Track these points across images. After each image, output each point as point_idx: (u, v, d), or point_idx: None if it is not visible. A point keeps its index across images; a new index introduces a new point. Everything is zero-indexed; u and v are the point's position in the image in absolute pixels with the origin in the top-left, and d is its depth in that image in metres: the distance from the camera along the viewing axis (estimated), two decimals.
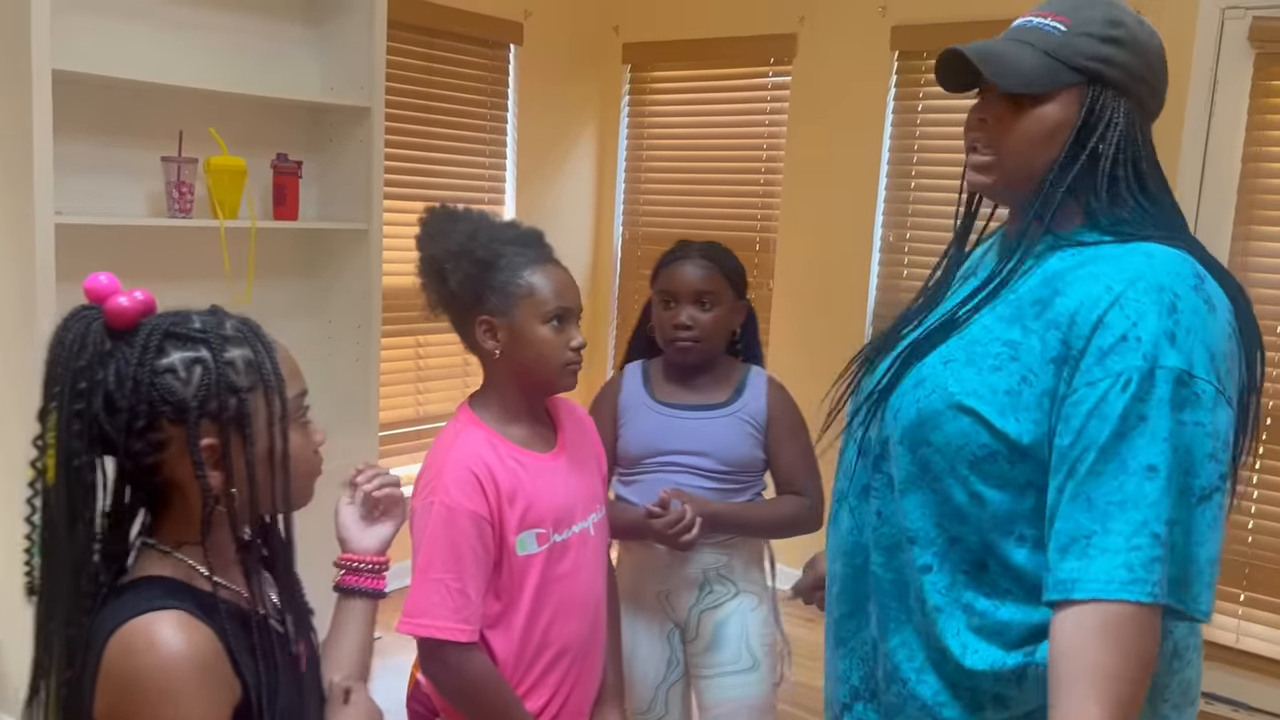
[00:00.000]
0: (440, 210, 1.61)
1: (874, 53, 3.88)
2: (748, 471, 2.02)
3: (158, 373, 1.00)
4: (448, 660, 1.50)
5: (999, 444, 1.12)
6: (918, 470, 1.18)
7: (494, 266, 1.55)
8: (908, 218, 3.91)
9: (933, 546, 1.18)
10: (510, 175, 4.29)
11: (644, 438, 2.02)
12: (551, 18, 4.31)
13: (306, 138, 3.41)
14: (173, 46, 3.04)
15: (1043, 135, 1.17)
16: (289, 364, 1.11)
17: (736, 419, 2.00)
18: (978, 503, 1.14)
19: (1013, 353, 1.13)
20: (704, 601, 2.02)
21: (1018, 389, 1.11)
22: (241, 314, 1.11)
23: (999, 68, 1.17)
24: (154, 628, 0.96)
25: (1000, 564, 1.15)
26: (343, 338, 3.47)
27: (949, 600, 1.17)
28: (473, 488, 1.51)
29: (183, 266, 3.10)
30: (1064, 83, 1.16)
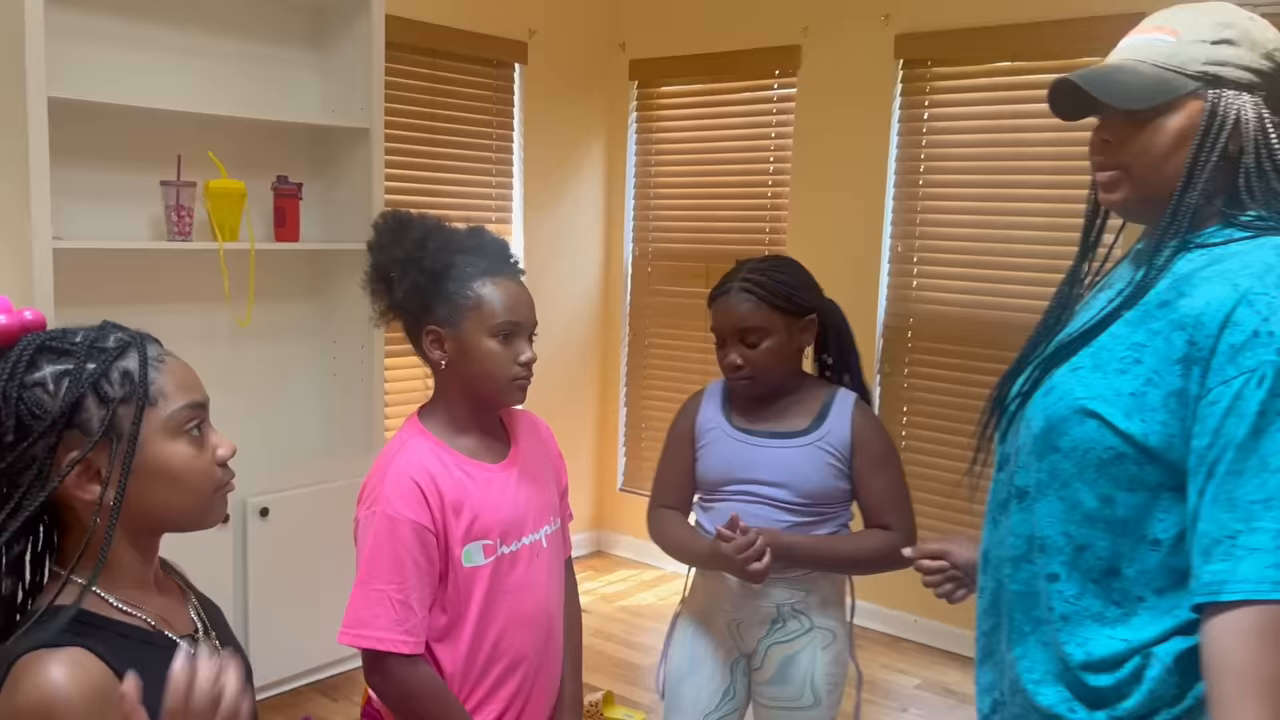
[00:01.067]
0: (392, 216, 1.60)
1: (878, 61, 3.85)
2: (829, 503, 1.93)
3: (26, 386, 1.00)
4: (391, 672, 1.49)
5: (1125, 446, 1.12)
6: (1047, 478, 1.18)
7: (444, 276, 1.54)
8: (916, 227, 3.86)
9: (1060, 555, 1.18)
10: (518, 194, 4.31)
11: (721, 465, 1.95)
12: (556, 36, 4.33)
13: (307, 160, 3.45)
14: (170, 71, 3.09)
15: (1168, 146, 1.16)
16: (181, 376, 1.09)
17: (816, 448, 1.91)
18: (1108, 506, 1.14)
19: (1137, 355, 1.13)
20: (774, 635, 1.96)
21: (1143, 390, 1.11)
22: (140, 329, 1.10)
23: (1111, 88, 1.18)
24: (40, 666, 0.95)
25: (1133, 569, 1.15)
26: (346, 359, 3.49)
27: (1077, 609, 1.17)
28: (415, 497, 1.49)
29: (183, 290, 3.14)
30: (1181, 91, 1.16)
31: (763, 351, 1.89)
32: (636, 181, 4.64)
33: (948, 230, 3.79)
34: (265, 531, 3.18)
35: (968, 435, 3.98)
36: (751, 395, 1.95)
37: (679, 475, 2.02)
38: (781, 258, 2.02)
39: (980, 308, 3.72)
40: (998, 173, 3.66)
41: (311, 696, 3.30)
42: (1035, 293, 3.58)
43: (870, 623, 3.97)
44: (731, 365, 1.91)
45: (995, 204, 3.67)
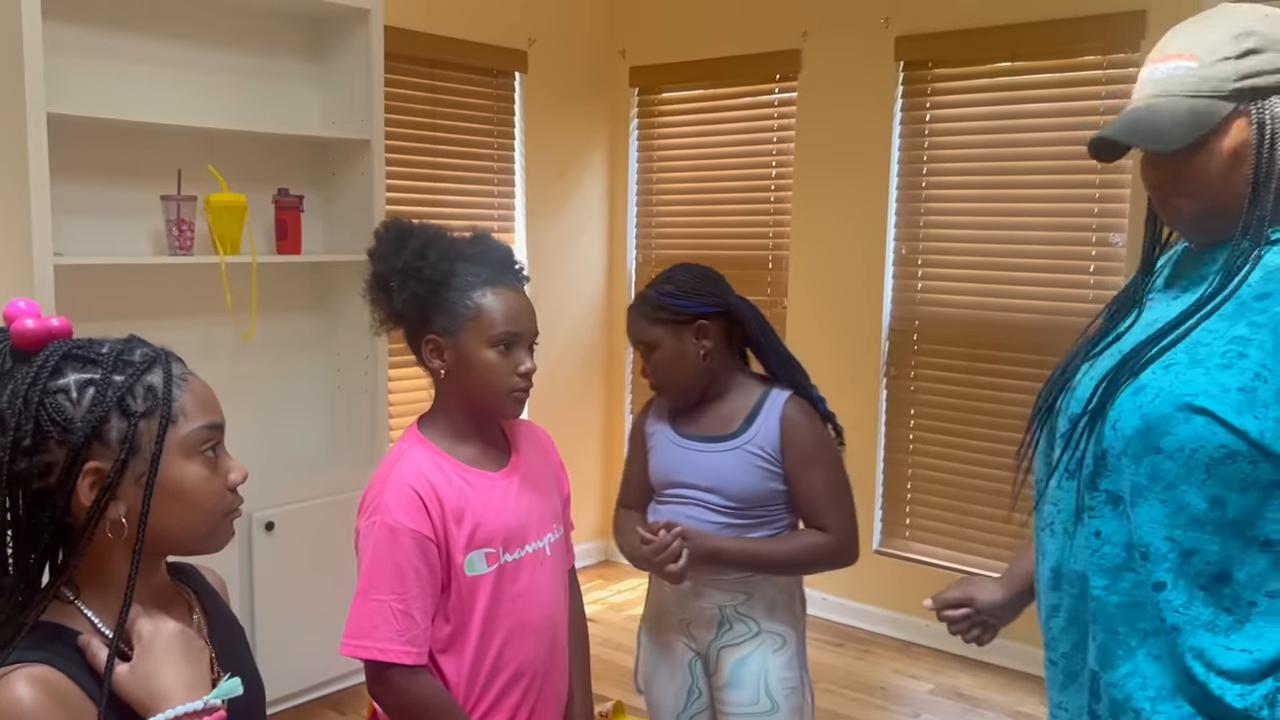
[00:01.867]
0: (393, 225, 1.59)
1: (878, 64, 3.84)
2: (764, 506, 1.92)
3: (49, 392, 0.99)
4: (393, 683, 1.47)
5: (1240, 443, 1.07)
6: (1146, 481, 1.12)
7: (443, 286, 1.53)
8: (920, 229, 3.84)
9: (1165, 561, 1.12)
10: (520, 203, 4.30)
11: (662, 468, 2.00)
12: (556, 44, 4.33)
13: (308, 172, 3.45)
14: (169, 86, 3.09)
15: (1223, 168, 1.15)
16: (201, 396, 1.08)
17: (743, 452, 1.91)
18: (1219, 508, 1.09)
19: (1241, 349, 1.09)
20: (724, 638, 1.96)
21: (1252, 385, 1.07)
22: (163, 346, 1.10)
23: (1150, 135, 1.16)
24: (6, 683, 0.94)
25: (1245, 573, 1.09)
26: (350, 370, 3.48)
27: (1187, 619, 1.11)
28: (415, 506, 1.48)
29: (186, 304, 3.13)
30: (1222, 115, 1.14)
31: (655, 364, 1.95)
32: (639, 189, 4.64)
33: (952, 232, 3.77)
34: (271, 546, 3.17)
35: (975, 437, 3.98)
36: (672, 404, 2.01)
37: (637, 475, 2.08)
38: (676, 266, 2.00)
39: (986, 309, 3.70)
40: (1001, 173, 3.64)
41: (320, 711, 3.28)
42: (1040, 293, 3.57)
43: (880, 627, 3.95)
44: (643, 374, 1.99)
45: (999, 204, 3.65)
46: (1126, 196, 3.37)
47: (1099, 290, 3.46)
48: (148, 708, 0.98)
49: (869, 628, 3.96)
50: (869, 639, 3.91)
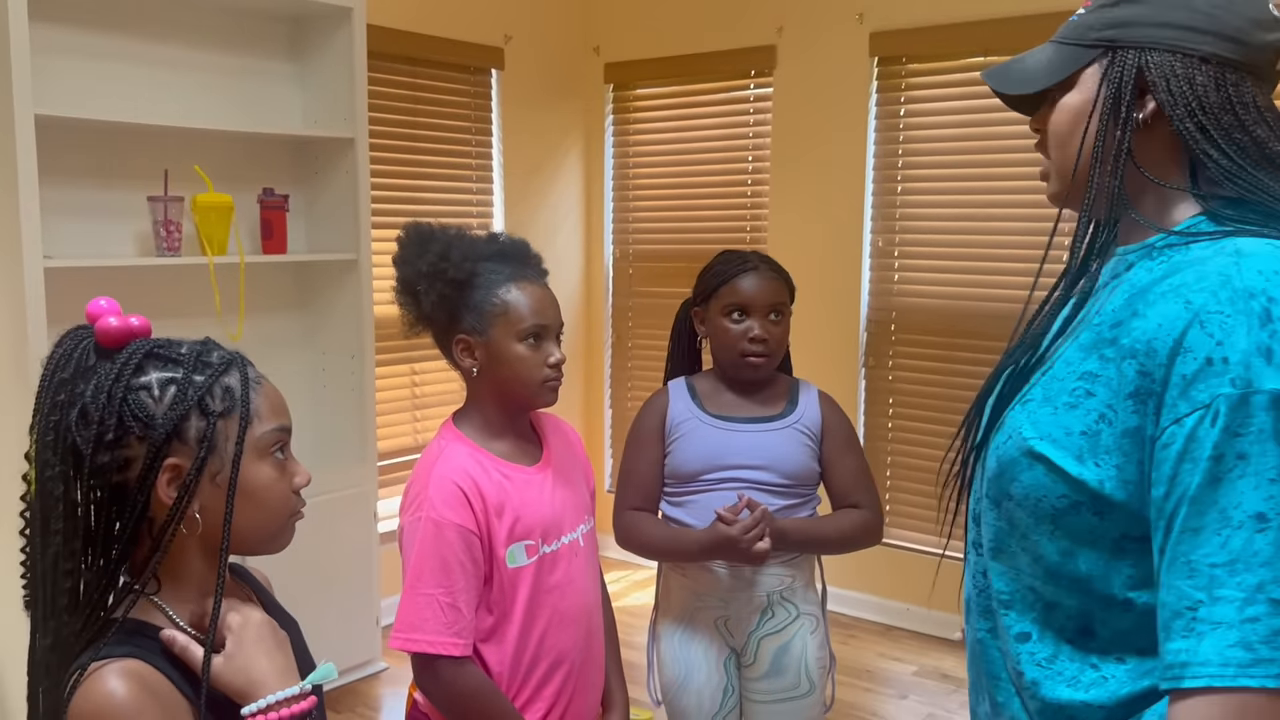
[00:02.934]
0: (414, 229, 1.61)
1: (853, 60, 3.91)
2: (806, 485, 1.98)
3: (132, 389, 1.02)
4: (441, 675, 1.50)
5: (1078, 494, 0.96)
6: (1006, 526, 1.04)
7: (469, 285, 1.56)
8: (896, 222, 3.92)
9: (1030, 612, 1.03)
10: (498, 199, 4.31)
11: (701, 453, 1.95)
12: (532, 41, 4.34)
13: (292, 171, 3.43)
14: (154, 87, 3.07)
15: (1069, 124, 1.05)
16: (273, 399, 1.11)
17: (794, 430, 1.97)
18: (1070, 561, 0.99)
19: (1089, 387, 0.97)
20: (765, 627, 1.98)
21: (1095, 429, 0.95)
22: (235, 349, 1.12)
23: (1007, 77, 1.09)
24: (98, 678, 0.96)
25: (1107, 631, 0.99)
26: (337, 368, 3.48)
27: (1049, 673, 1.01)
28: (459, 501, 1.51)
29: (174, 305, 3.11)
30: (1081, 63, 1.03)
31: (782, 329, 1.98)
32: (615, 184, 4.67)
33: (927, 224, 3.86)
34: None
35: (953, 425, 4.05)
36: (758, 377, 1.99)
37: (648, 474, 2.00)
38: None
39: (962, 299, 3.79)
40: (975, 165, 3.73)
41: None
42: (1016, 283, 3.66)
43: (863, 612, 4.03)
44: (757, 338, 1.93)
45: (973, 196, 3.74)
46: None
47: None
48: (247, 695, 1.01)
49: (852, 613, 4.04)
50: (852, 624, 3.99)
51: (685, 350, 2.13)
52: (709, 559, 1.92)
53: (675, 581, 2.03)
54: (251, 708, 1.00)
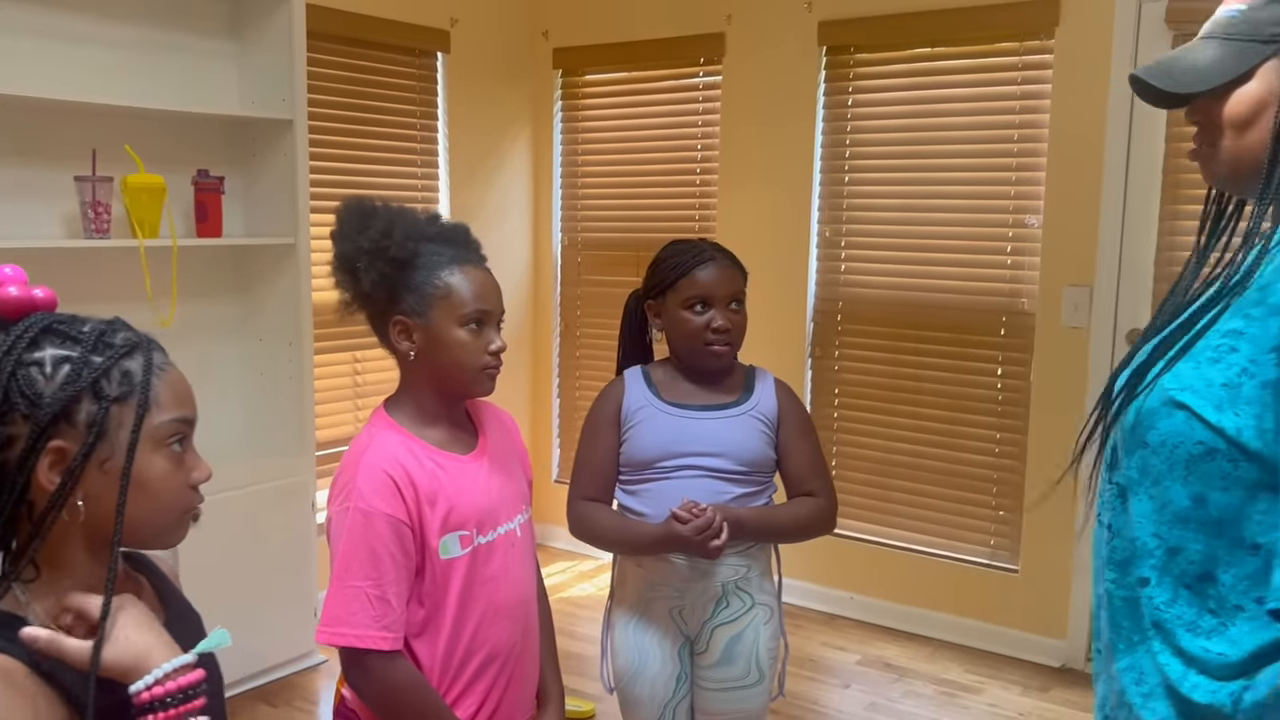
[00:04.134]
0: (355, 204, 1.56)
1: (802, 49, 3.89)
2: (763, 472, 1.97)
3: (23, 364, 0.96)
4: (370, 670, 1.46)
5: (1217, 440, 1.03)
6: (1137, 475, 1.10)
7: (410, 265, 1.51)
8: (843, 212, 3.92)
9: (1151, 558, 1.09)
10: (444, 184, 4.24)
11: (656, 440, 1.94)
12: (479, 25, 4.27)
13: (229, 153, 3.34)
14: (85, 63, 2.96)
15: (1247, 115, 1.10)
16: (178, 388, 1.06)
17: (750, 417, 1.96)
18: (1201, 506, 1.05)
19: (1233, 343, 1.04)
20: (719, 616, 1.97)
21: (1237, 381, 1.02)
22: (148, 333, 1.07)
23: (1174, 74, 1.13)
24: None
25: (1232, 575, 1.05)
26: (274, 356, 3.39)
27: (1169, 617, 1.08)
28: (389, 491, 1.46)
29: (104, 289, 3.01)
30: (1257, 60, 1.09)
31: (743, 318, 1.98)
32: (563, 171, 4.62)
33: (874, 215, 3.86)
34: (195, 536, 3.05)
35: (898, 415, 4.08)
36: (720, 366, 1.99)
37: (603, 462, 1.99)
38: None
39: (908, 289, 3.80)
40: (921, 156, 3.74)
41: (250, 704, 3.21)
42: (960, 273, 3.68)
43: (807, 601, 4.04)
44: (720, 329, 1.93)
45: (919, 188, 3.75)
46: (1042, 180, 3.50)
47: (1016, 270, 3.59)
48: (135, 671, 0.96)
49: (796, 602, 4.04)
50: (796, 613, 3.99)
51: (636, 341, 2.11)
52: (661, 552, 1.92)
53: (630, 570, 2.02)
54: (139, 685, 0.95)
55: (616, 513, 1.99)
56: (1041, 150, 3.49)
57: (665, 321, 1.99)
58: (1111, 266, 3.37)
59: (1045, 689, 3.41)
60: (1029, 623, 3.60)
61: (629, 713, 2.05)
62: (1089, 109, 3.36)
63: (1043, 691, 3.40)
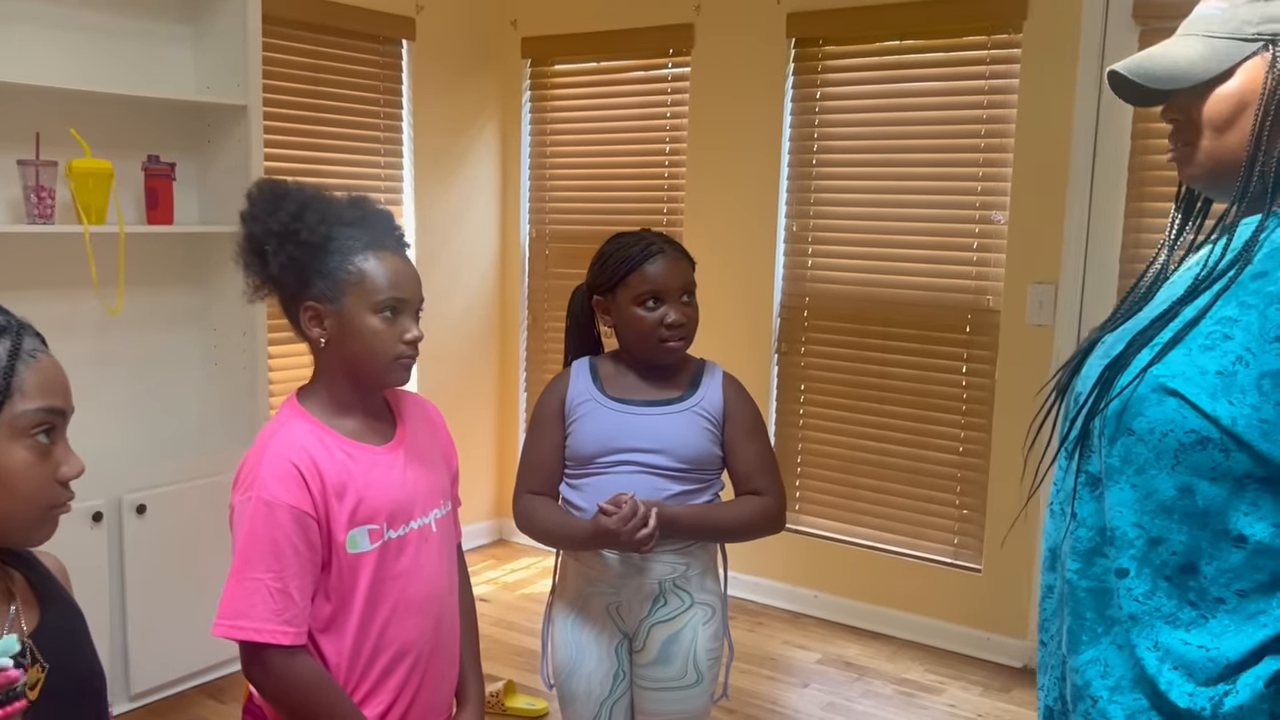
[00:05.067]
0: (267, 185, 1.52)
1: (770, 41, 3.85)
2: (705, 470, 1.93)
3: None
4: (270, 665, 1.41)
5: (1211, 429, 1.00)
6: (1119, 463, 1.07)
7: (322, 250, 1.46)
8: (810, 206, 3.88)
9: (1131, 548, 1.06)
10: (408, 175, 4.19)
11: (596, 435, 1.92)
12: (445, 12, 4.21)
13: (182, 139, 3.28)
14: (28, 42, 2.90)
15: (1228, 114, 1.08)
16: (49, 376, 1.02)
17: (693, 414, 1.92)
18: (1187, 496, 1.02)
19: (1227, 330, 1.01)
20: (656, 615, 1.93)
21: (1231, 369, 1.00)
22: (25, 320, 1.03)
23: (1156, 72, 1.11)
24: None
25: (1214, 568, 1.02)
26: (228, 347, 3.34)
27: (1147, 609, 1.05)
28: (294, 481, 1.41)
29: (46, 276, 2.96)
30: (1239, 57, 1.08)
31: (694, 311, 1.94)
32: (532, 163, 4.56)
33: (841, 209, 3.82)
34: (143, 530, 3.03)
35: (863, 412, 4.04)
36: (675, 361, 1.96)
37: (549, 456, 1.96)
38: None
39: (874, 285, 3.76)
40: (888, 151, 3.70)
41: (198, 699, 3.16)
42: (926, 269, 3.64)
43: (770, 599, 4.00)
44: (675, 324, 1.90)
45: (886, 183, 3.71)
46: (1008, 175, 3.46)
47: (981, 267, 3.55)
48: None
49: (759, 599, 4.01)
50: (759, 611, 3.96)
51: (585, 334, 2.07)
52: (596, 548, 1.88)
53: (570, 566, 2.00)
54: None
55: (558, 508, 1.96)
56: (1009, 146, 3.45)
57: (615, 319, 1.95)
58: (1077, 264, 3.34)
59: (1006, 689, 3.38)
60: (991, 623, 3.57)
61: (566, 709, 2.02)
62: (1056, 104, 3.32)
63: (1003, 692, 3.36)
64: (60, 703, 1.05)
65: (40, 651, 1.05)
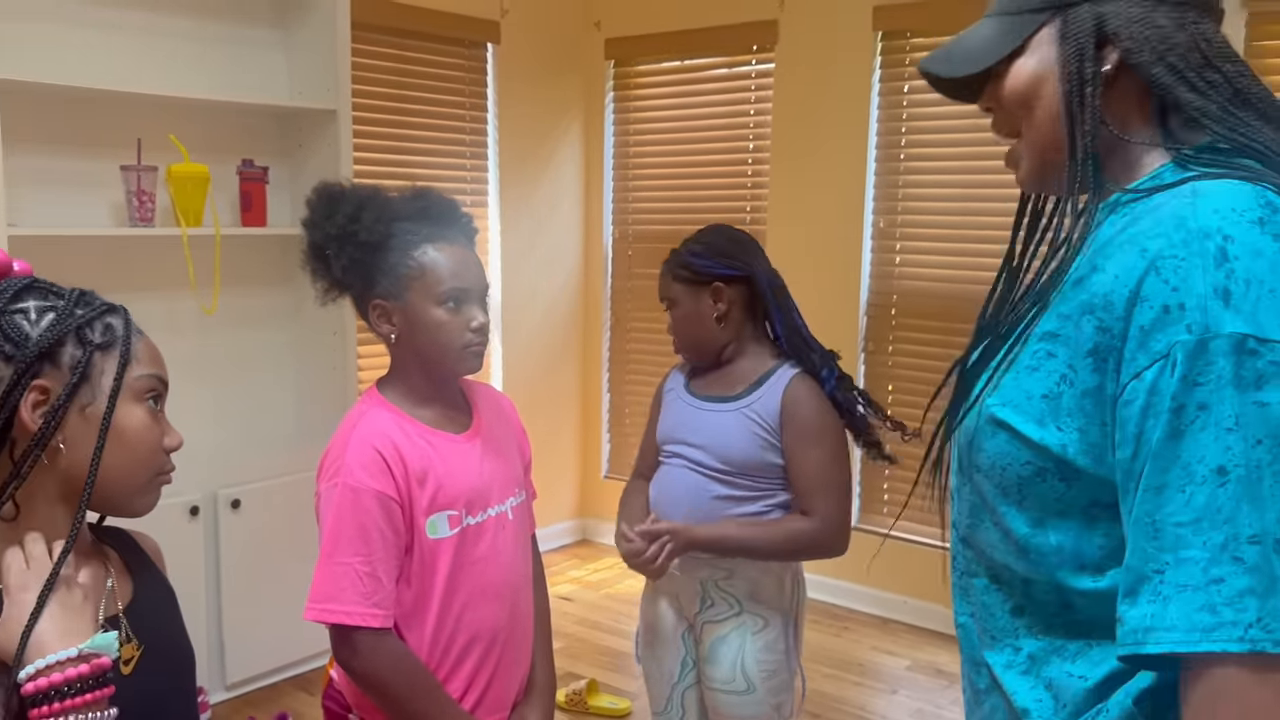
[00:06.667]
0: (324, 190, 1.54)
1: (856, 34, 3.78)
2: (755, 476, 1.87)
3: (6, 313, 1.00)
4: (359, 647, 1.42)
5: (1043, 460, 0.91)
6: (978, 501, 0.99)
7: (382, 248, 1.48)
8: (898, 202, 3.80)
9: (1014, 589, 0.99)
10: (493, 177, 4.23)
11: (667, 424, 1.99)
12: (529, 16, 4.25)
13: (274, 143, 3.37)
14: (130, 53, 3.00)
15: (1024, 89, 0.98)
16: (152, 351, 1.09)
17: (741, 415, 1.87)
18: (1041, 533, 0.93)
19: (1050, 348, 0.91)
20: (707, 613, 1.94)
21: (1056, 391, 0.90)
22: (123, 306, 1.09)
23: (950, 61, 1.02)
24: None
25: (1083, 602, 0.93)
26: (318, 346, 3.41)
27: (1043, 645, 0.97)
28: (378, 467, 1.43)
29: (147, 277, 3.05)
30: (1030, 29, 0.97)
31: (673, 320, 1.96)
32: (615, 163, 4.57)
33: (930, 205, 3.73)
34: (237, 524, 3.10)
35: None
36: (689, 363, 2.02)
37: (649, 442, 2.07)
38: (711, 227, 2.00)
39: (964, 282, 3.66)
40: (979, 144, 3.60)
41: (290, 691, 3.22)
42: None
43: (858, 604, 3.93)
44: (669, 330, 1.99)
45: (978, 176, 3.61)
46: None
47: None
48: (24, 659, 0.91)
49: (846, 604, 3.94)
50: (846, 615, 3.89)
51: None
52: None
53: None
54: (23, 674, 0.90)
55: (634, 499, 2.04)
56: None
57: None
58: None
59: None
60: None
61: (648, 686, 2.10)
62: None
63: None
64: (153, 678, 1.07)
65: (133, 627, 1.07)
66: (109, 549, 1.13)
